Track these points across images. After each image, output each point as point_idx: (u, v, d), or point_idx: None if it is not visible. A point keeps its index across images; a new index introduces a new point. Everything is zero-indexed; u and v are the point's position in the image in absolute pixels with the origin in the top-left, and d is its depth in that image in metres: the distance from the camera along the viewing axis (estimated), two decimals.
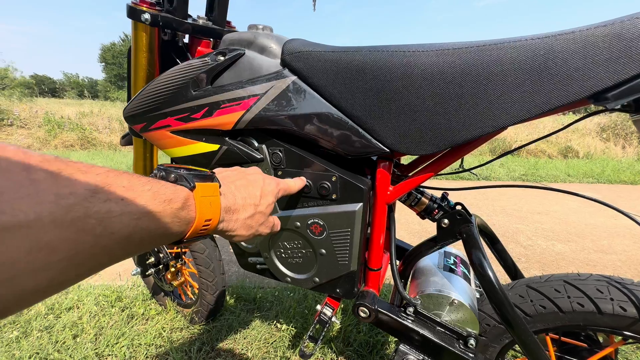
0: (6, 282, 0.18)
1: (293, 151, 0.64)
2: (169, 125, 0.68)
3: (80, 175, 0.23)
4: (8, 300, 0.19)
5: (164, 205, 0.29)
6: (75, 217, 0.21)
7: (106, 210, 0.23)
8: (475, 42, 0.49)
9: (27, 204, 0.19)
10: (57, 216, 0.20)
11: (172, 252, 1.13)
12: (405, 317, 0.66)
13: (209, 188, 0.36)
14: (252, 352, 1.06)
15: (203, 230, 0.36)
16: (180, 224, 0.32)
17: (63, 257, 0.21)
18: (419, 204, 0.69)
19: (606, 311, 0.57)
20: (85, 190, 0.22)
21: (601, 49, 0.42)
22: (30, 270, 0.19)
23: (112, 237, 0.24)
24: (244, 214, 0.42)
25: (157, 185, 0.30)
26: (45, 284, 0.21)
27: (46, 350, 1.04)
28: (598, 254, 2.02)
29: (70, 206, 0.21)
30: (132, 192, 0.26)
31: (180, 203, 0.31)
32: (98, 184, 0.23)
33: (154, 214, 0.28)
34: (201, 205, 0.34)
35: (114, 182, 0.25)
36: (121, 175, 0.26)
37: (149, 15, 0.68)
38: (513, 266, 0.81)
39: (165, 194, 0.30)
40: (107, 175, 0.25)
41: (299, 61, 0.59)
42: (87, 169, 0.24)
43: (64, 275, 0.22)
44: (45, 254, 0.20)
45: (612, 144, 6.68)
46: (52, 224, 0.20)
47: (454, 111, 0.50)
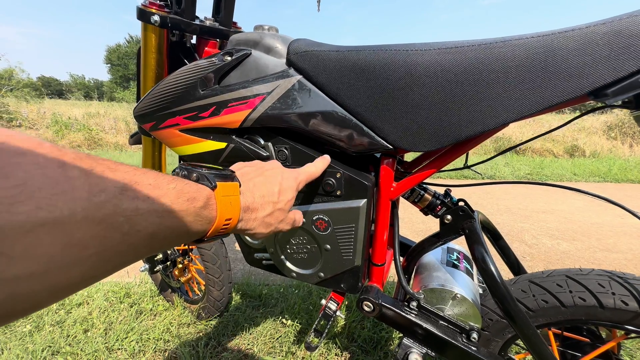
0: (41, 276, 0.19)
1: (298, 149, 0.65)
2: (178, 124, 0.70)
3: (110, 174, 0.23)
4: (41, 295, 0.20)
5: (188, 204, 0.29)
6: (106, 214, 0.22)
7: (134, 207, 0.24)
8: (477, 41, 0.50)
9: (63, 201, 0.19)
10: (90, 213, 0.21)
11: (180, 249, 1.16)
12: (408, 312, 0.68)
13: (230, 188, 0.37)
14: (258, 347, 1.07)
15: (223, 229, 0.36)
16: (202, 222, 0.32)
17: (93, 252, 0.21)
18: (422, 200, 0.71)
19: (608, 305, 0.58)
20: (115, 188, 0.23)
21: (600, 46, 0.42)
22: (64, 265, 0.20)
23: (138, 234, 0.24)
24: (262, 212, 0.42)
25: (181, 184, 0.30)
26: (77, 279, 0.21)
27: (58, 344, 1.07)
28: (604, 252, 2.00)
29: (101, 203, 0.21)
30: (158, 190, 0.27)
31: (202, 202, 0.31)
32: (126, 182, 0.24)
33: (177, 212, 0.28)
34: (222, 204, 0.34)
35: (141, 180, 0.25)
36: (147, 174, 0.27)
37: (158, 17, 0.69)
38: (516, 262, 0.81)
39: (189, 192, 0.30)
40: (135, 174, 0.25)
41: (304, 61, 0.60)
42: (115, 167, 0.24)
43: (93, 270, 0.22)
44: (78, 249, 0.20)
45: (620, 143, 6.60)
46: (84, 220, 0.20)
47: (456, 108, 0.51)
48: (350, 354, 1.05)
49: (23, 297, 0.19)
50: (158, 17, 0.69)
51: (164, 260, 1.12)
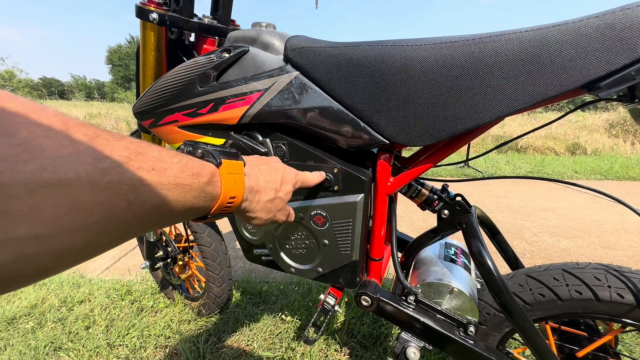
0: (47, 239, 0.19)
1: (296, 144, 0.66)
2: (177, 120, 0.70)
3: (115, 142, 0.23)
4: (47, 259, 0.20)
5: (192, 179, 0.29)
6: (111, 180, 0.21)
7: (138, 177, 0.24)
8: (472, 35, 0.50)
9: (67, 164, 0.19)
10: (94, 178, 0.20)
11: (180, 246, 1.17)
12: (406, 306, 0.68)
13: (235, 166, 0.37)
14: (258, 343, 1.08)
15: (227, 207, 0.36)
16: (206, 198, 0.32)
17: (99, 219, 0.21)
18: (419, 195, 0.71)
19: (604, 298, 0.58)
20: (119, 156, 0.23)
21: (593, 39, 0.43)
22: (70, 230, 0.20)
23: (143, 205, 0.24)
24: (265, 196, 0.43)
25: (186, 159, 0.30)
26: (82, 245, 0.21)
27: (60, 340, 1.08)
28: (604, 249, 2.00)
29: (106, 169, 0.21)
30: (163, 162, 0.27)
31: (207, 178, 0.31)
32: (131, 151, 0.24)
33: (182, 185, 0.28)
34: (226, 182, 0.34)
35: (146, 152, 0.25)
36: (151, 147, 0.27)
37: (156, 14, 0.70)
38: (514, 257, 0.82)
39: (193, 167, 0.30)
40: (139, 145, 0.25)
41: (301, 57, 0.60)
42: (121, 138, 0.24)
43: (99, 238, 0.22)
44: (83, 214, 0.20)
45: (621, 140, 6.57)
46: (89, 184, 0.20)
47: (451, 102, 0.51)
48: (350, 350, 1.05)
49: (29, 259, 0.19)
50: (156, 14, 0.70)
51: (165, 257, 1.12)
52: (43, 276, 0.21)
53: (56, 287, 1.40)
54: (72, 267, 0.23)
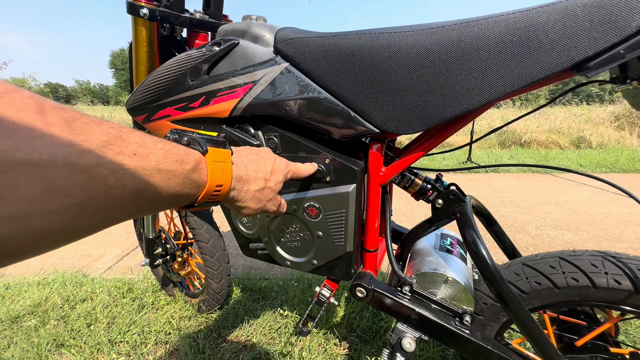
0: (22, 219, 0.19)
1: (288, 136, 0.66)
2: (169, 115, 0.70)
3: (94, 126, 0.23)
4: (24, 239, 0.20)
5: (176, 165, 0.29)
6: (88, 163, 0.21)
7: (118, 162, 0.23)
8: (459, 20, 0.50)
9: (41, 145, 0.19)
10: (70, 160, 0.20)
11: (179, 243, 1.17)
12: (401, 296, 0.68)
13: (221, 154, 0.36)
14: (257, 337, 1.08)
15: (214, 196, 0.36)
16: (191, 186, 0.32)
17: (77, 202, 0.21)
18: (412, 185, 0.70)
19: (601, 285, 0.57)
20: (98, 140, 0.22)
21: (581, 18, 0.42)
22: (46, 212, 0.20)
23: (124, 189, 0.24)
24: (254, 186, 0.43)
25: (169, 145, 0.30)
26: (60, 227, 0.21)
27: (62, 337, 1.09)
28: (609, 242, 1.98)
29: (83, 152, 0.21)
30: (145, 148, 0.26)
31: (191, 165, 0.31)
32: (111, 136, 0.24)
33: (165, 172, 0.28)
34: (213, 169, 0.34)
35: (127, 137, 0.25)
36: (134, 132, 0.26)
37: (147, 10, 0.70)
38: (511, 247, 0.81)
39: (178, 154, 0.30)
40: (120, 130, 0.25)
41: (291, 48, 0.60)
42: (101, 122, 0.24)
43: (78, 221, 0.22)
44: (59, 196, 0.20)
45: (627, 133, 6.48)
46: (65, 167, 0.20)
47: (439, 88, 0.51)
48: (349, 344, 1.05)
49: (4, 238, 0.19)
50: (147, 10, 0.70)
51: (164, 254, 1.13)
52: (21, 257, 0.21)
53: (59, 286, 1.42)
54: (52, 249, 0.22)
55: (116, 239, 2.06)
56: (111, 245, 1.97)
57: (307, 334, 0.71)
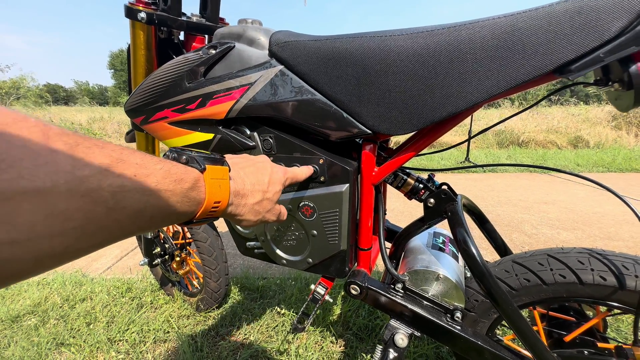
0: (24, 243, 0.20)
1: (282, 137, 0.67)
2: (166, 116, 0.72)
3: (96, 150, 0.24)
4: (26, 262, 0.20)
5: (175, 185, 0.30)
6: (90, 188, 0.22)
7: (119, 184, 0.24)
8: (447, 24, 0.51)
9: (45, 172, 0.20)
10: (72, 186, 0.21)
11: (177, 243, 1.19)
12: (394, 293, 0.69)
13: (219, 171, 0.37)
14: (255, 336, 1.10)
15: (212, 212, 0.36)
16: (190, 204, 0.33)
17: (77, 225, 0.22)
18: (405, 184, 0.72)
19: (587, 281, 0.59)
20: (99, 164, 0.23)
21: (563, 23, 0.44)
22: (47, 235, 0.21)
23: (123, 211, 0.25)
24: (252, 199, 0.43)
25: (169, 165, 0.30)
26: (60, 249, 0.22)
27: (62, 336, 1.10)
28: (604, 240, 1.99)
29: (85, 177, 0.22)
30: (145, 169, 0.27)
31: (190, 183, 0.32)
32: (112, 159, 0.25)
33: (164, 191, 0.29)
34: (211, 187, 0.35)
35: (127, 159, 0.26)
36: (134, 153, 0.27)
37: (144, 14, 0.72)
38: (502, 245, 0.82)
39: (177, 173, 0.31)
40: (121, 152, 0.26)
41: (285, 51, 0.62)
42: (102, 145, 0.25)
43: (78, 243, 0.23)
44: (60, 220, 0.21)
45: (625, 133, 6.51)
46: (67, 192, 0.21)
47: (428, 91, 0.52)
48: (345, 342, 1.07)
49: (7, 262, 0.20)
50: (145, 14, 0.72)
51: (163, 253, 1.14)
52: (20, 278, 0.22)
53: (59, 286, 1.43)
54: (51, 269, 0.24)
55: None
56: (110, 246, 1.98)
57: (302, 331, 0.73)
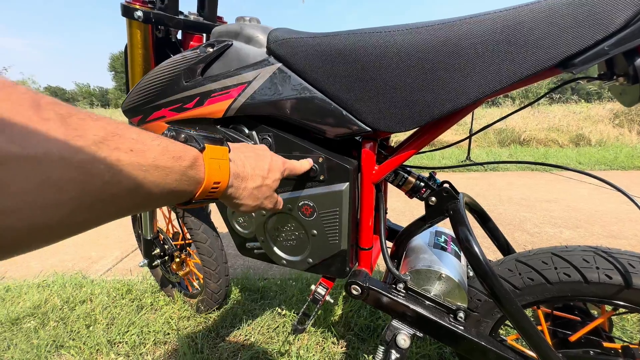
0: (17, 212, 0.19)
1: (281, 136, 0.66)
2: (164, 116, 0.71)
3: (91, 122, 0.23)
4: (19, 232, 0.20)
5: (173, 162, 0.29)
6: (84, 159, 0.21)
7: (115, 158, 0.24)
8: (447, 19, 0.50)
9: (37, 139, 0.19)
10: (66, 155, 0.20)
11: (177, 244, 1.18)
12: (396, 294, 0.68)
13: (219, 151, 0.36)
14: (255, 337, 1.09)
15: (211, 192, 0.36)
16: (188, 182, 0.32)
17: (72, 197, 0.21)
18: (406, 183, 0.71)
19: (592, 280, 0.58)
20: (94, 136, 0.22)
21: (566, 16, 0.43)
22: (41, 205, 0.20)
23: (119, 185, 0.24)
24: (252, 183, 0.43)
25: (167, 142, 0.30)
26: (55, 221, 0.21)
27: (62, 338, 1.10)
28: (608, 239, 1.98)
29: (79, 148, 0.21)
30: (142, 144, 0.26)
31: (189, 162, 0.31)
32: (108, 132, 0.24)
33: (162, 168, 0.28)
34: (210, 166, 0.34)
35: (124, 133, 0.25)
36: (130, 129, 0.26)
37: (141, 12, 0.71)
38: (505, 243, 0.81)
39: (175, 151, 0.30)
40: (117, 126, 0.25)
41: (283, 48, 0.61)
42: (98, 118, 0.24)
43: (73, 216, 0.22)
44: (54, 191, 0.20)
45: (627, 130, 6.48)
46: (60, 161, 0.20)
47: (428, 87, 0.51)
48: (347, 342, 1.06)
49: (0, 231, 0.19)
50: (141, 12, 0.71)
51: (162, 254, 1.14)
52: (17, 250, 0.21)
53: (59, 288, 1.42)
54: (47, 244, 0.23)
55: (115, 241, 2.07)
56: (111, 247, 1.98)
57: (302, 332, 0.72)
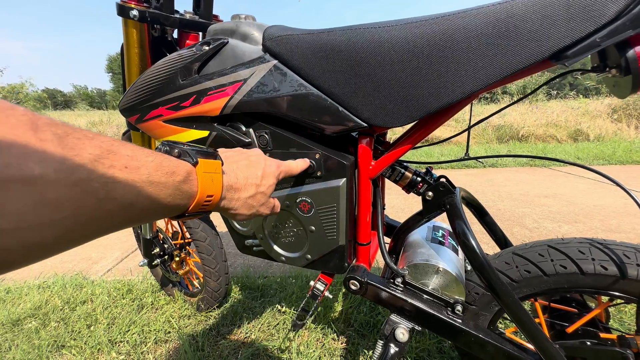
0: (12, 232, 0.19)
1: (278, 133, 0.67)
2: (161, 114, 0.71)
3: (86, 141, 0.23)
4: (15, 252, 0.20)
5: (167, 177, 0.30)
6: (79, 178, 0.22)
7: (110, 175, 0.24)
8: (441, 14, 0.50)
9: (33, 161, 0.20)
10: (62, 175, 0.21)
11: (177, 243, 1.18)
12: (394, 288, 0.69)
13: (212, 165, 0.37)
14: (256, 334, 1.10)
15: (205, 206, 0.36)
16: (182, 197, 0.32)
17: (67, 215, 0.22)
18: (403, 178, 0.71)
19: (588, 271, 0.58)
20: (90, 155, 0.23)
21: (557, 8, 0.43)
22: (37, 225, 0.20)
23: (115, 202, 0.25)
24: (245, 193, 0.43)
25: (160, 158, 0.30)
26: (50, 240, 0.22)
27: (63, 338, 1.10)
28: (606, 233, 1.99)
29: (74, 167, 0.22)
30: (136, 161, 0.27)
31: (182, 176, 0.32)
32: (103, 150, 0.24)
33: (156, 184, 0.29)
34: (203, 180, 0.35)
35: (119, 151, 0.26)
36: (125, 145, 0.27)
37: (137, 11, 0.71)
38: (502, 237, 0.82)
39: (169, 166, 0.30)
40: (112, 144, 0.26)
41: (279, 45, 0.61)
42: (93, 136, 0.24)
43: (69, 234, 0.23)
44: (50, 210, 0.21)
45: (625, 125, 6.48)
46: (56, 182, 0.21)
47: (423, 81, 0.52)
48: (347, 338, 1.06)
49: None
50: (137, 11, 0.71)
51: (162, 254, 1.14)
52: (10, 268, 0.21)
53: (59, 289, 1.43)
54: (42, 259, 0.23)
55: (116, 242, 2.07)
56: (111, 248, 1.99)
57: (301, 327, 0.73)
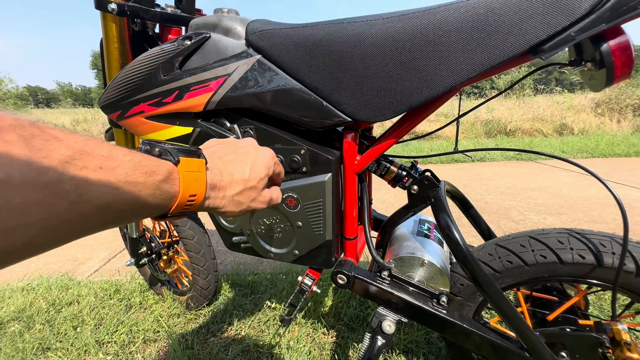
0: None
1: (263, 128, 0.66)
2: (143, 111, 0.70)
3: (56, 142, 0.22)
4: None
5: (146, 177, 0.29)
6: (48, 181, 0.21)
7: (82, 176, 0.23)
8: (423, 8, 0.51)
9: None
10: (29, 178, 0.20)
11: (164, 242, 1.17)
12: (380, 281, 0.69)
13: (194, 163, 0.36)
14: (246, 331, 1.10)
15: (188, 206, 0.35)
16: (163, 197, 0.31)
17: (36, 219, 0.21)
18: (388, 172, 0.72)
19: (567, 260, 0.60)
20: (60, 156, 0.22)
21: (534, 3, 0.44)
22: (3, 230, 0.19)
23: (89, 204, 0.24)
24: (231, 190, 0.41)
25: (139, 157, 0.29)
26: (19, 245, 0.21)
27: (48, 340, 1.08)
28: (589, 223, 2.05)
29: (43, 169, 0.21)
30: (112, 161, 0.26)
31: (163, 176, 0.31)
32: (75, 150, 0.23)
33: (134, 184, 0.27)
34: (185, 180, 0.34)
35: (93, 151, 0.25)
36: (101, 144, 0.26)
37: (115, 5, 0.69)
38: (487, 229, 0.83)
39: (148, 165, 0.29)
40: (86, 143, 0.24)
41: (262, 40, 0.61)
42: (64, 136, 0.23)
43: (38, 238, 0.22)
44: (17, 214, 0.20)
45: (607, 119, 6.67)
46: (23, 185, 0.20)
47: (405, 75, 0.52)
48: (337, 332, 1.07)
49: None
50: (115, 5, 0.69)
51: (149, 252, 1.12)
52: None
53: (44, 290, 1.39)
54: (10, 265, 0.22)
55: (103, 242, 2.03)
56: (97, 248, 1.95)
57: (290, 322, 0.73)
